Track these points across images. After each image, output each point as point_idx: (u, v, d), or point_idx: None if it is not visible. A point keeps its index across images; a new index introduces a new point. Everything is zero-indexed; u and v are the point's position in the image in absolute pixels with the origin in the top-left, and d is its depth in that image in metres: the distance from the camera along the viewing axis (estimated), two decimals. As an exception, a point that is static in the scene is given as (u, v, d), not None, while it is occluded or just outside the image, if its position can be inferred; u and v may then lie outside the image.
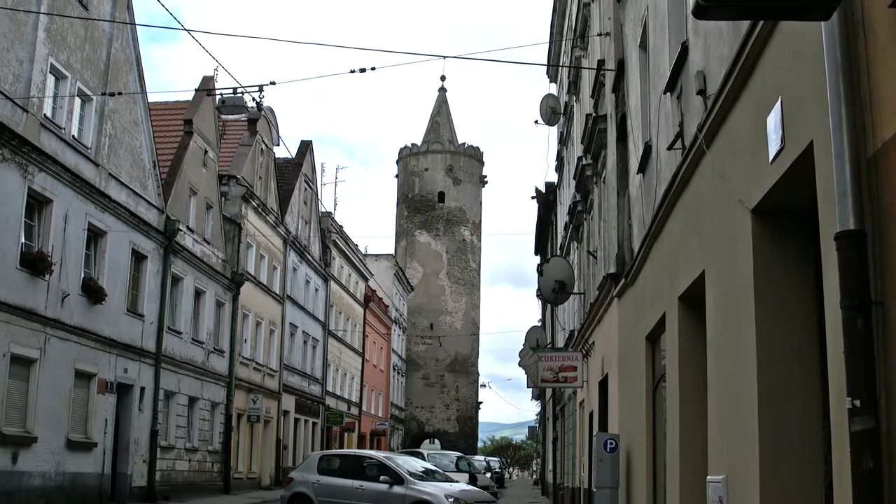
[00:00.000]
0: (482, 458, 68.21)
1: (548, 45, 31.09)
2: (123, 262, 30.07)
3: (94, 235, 28.30)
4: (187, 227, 35.24)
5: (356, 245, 66.80)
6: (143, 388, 31.37)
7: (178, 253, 34.25)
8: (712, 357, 9.25)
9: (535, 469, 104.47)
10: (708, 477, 9.16)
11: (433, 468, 27.97)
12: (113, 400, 29.24)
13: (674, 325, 11.27)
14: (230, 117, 36.70)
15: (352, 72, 16.73)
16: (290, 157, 49.95)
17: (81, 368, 27.07)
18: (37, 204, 25.11)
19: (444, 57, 20.49)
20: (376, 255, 78.71)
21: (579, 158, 23.18)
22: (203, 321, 37.17)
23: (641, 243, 14.21)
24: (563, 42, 28.20)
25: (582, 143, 22.60)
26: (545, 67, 34.37)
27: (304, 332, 52.02)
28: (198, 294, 36.75)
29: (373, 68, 16.85)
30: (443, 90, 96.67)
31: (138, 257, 31.42)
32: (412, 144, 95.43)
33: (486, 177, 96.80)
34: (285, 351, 48.49)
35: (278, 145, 47.14)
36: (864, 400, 5.25)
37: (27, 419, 24.35)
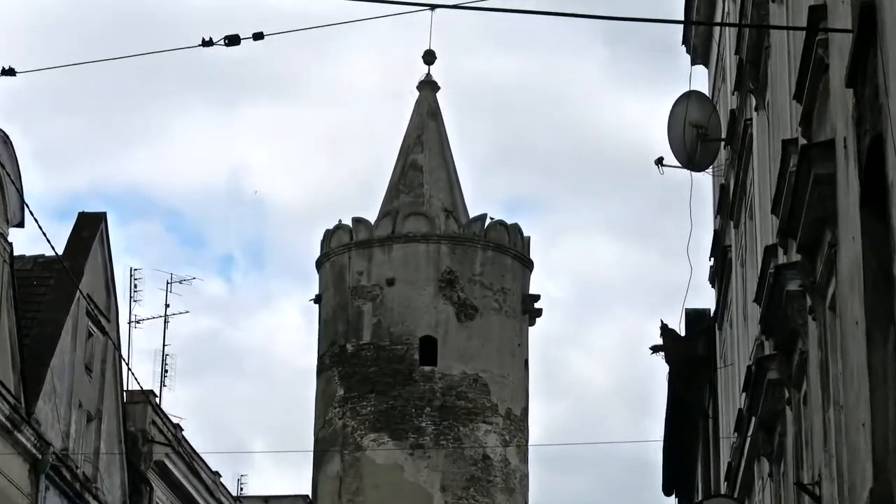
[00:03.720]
0: None
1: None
2: None
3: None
4: None
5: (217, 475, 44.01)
6: None
7: None
8: None
9: None
10: None
11: None
12: None
13: None
14: None
15: None
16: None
17: None
18: None
19: (433, 7, 9.17)
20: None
21: (769, 251, 12.83)
22: None
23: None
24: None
25: (774, 213, 12.00)
26: (678, 34, 20.73)
27: None
28: None
29: None
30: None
31: None
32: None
33: (537, 299, 44.49)
34: None
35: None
36: None
37: None
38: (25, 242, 26.64)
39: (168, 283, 37.31)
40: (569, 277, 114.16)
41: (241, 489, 38.36)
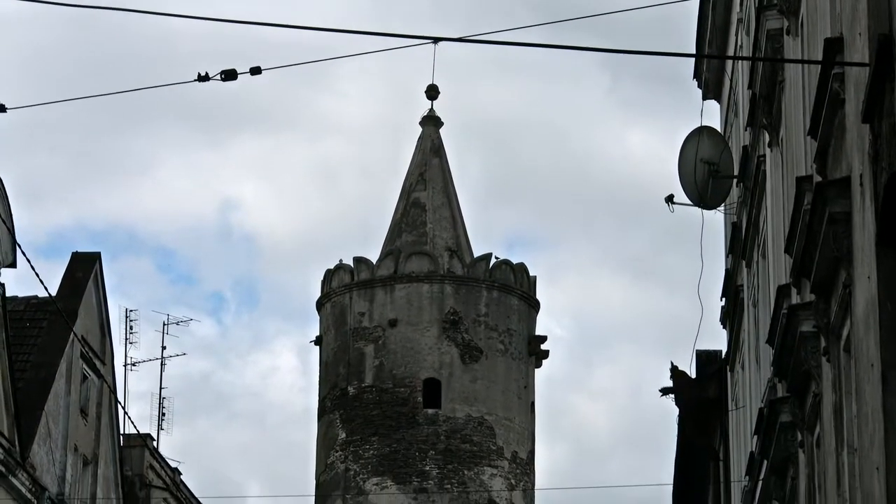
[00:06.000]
0: None
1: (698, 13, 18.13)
2: None
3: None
4: None
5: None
6: None
7: None
8: None
9: None
10: None
11: None
12: None
13: None
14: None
15: None
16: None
17: None
18: None
19: (436, 41, 8.60)
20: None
21: (782, 291, 12.33)
22: None
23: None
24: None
25: (788, 252, 11.77)
26: (684, 63, 21.39)
27: None
28: None
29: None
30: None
31: None
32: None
33: (543, 340, 43.06)
34: None
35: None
36: None
37: None
38: (14, 283, 25.54)
39: (165, 324, 35.70)
40: (572, 317, 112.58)
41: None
